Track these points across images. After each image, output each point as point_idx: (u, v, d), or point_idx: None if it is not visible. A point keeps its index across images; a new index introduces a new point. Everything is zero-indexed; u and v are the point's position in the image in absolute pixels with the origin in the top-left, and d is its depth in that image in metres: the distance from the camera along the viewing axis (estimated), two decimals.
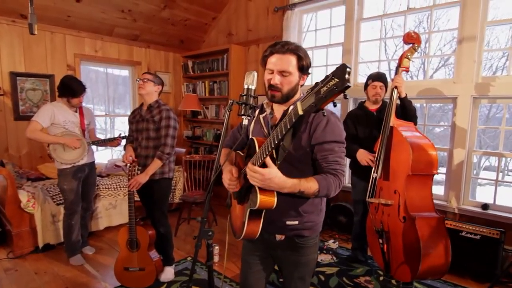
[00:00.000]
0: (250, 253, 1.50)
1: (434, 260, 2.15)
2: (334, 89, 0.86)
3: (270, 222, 1.30)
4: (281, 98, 1.29)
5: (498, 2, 2.96)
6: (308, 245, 1.39)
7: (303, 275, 1.43)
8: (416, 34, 2.46)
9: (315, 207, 1.37)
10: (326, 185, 1.19)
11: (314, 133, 1.24)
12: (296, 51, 1.27)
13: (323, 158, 1.24)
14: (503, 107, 3.02)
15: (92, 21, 4.07)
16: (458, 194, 3.00)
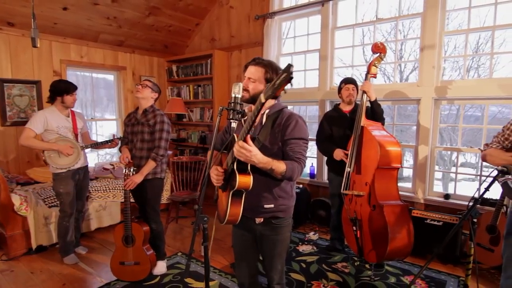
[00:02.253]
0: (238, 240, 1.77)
1: (399, 242, 2.45)
2: (283, 80, 1.13)
3: (251, 208, 1.58)
4: (248, 98, 1.60)
5: (454, 13, 3.32)
6: (283, 225, 1.67)
7: (280, 251, 1.70)
8: (382, 45, 2.78)
9: (287, 193, 1.65)
10: (292, 168, 1.48)
11: (286, 131, 1.55)
12: (265, 65, 1.60)
13: (291, 149, 1.54)
14: (460, 107, 3.38)
15: (78, 28, 4.17)
16: (423, 186, 3.34)
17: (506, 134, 1.90)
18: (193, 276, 2.77)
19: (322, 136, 3.14)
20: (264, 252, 1.74)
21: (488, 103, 3.09)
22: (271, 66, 1.61)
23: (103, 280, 2.71)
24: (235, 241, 1.80)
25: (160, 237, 2.83)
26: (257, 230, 1.68)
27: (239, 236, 1.77)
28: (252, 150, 1.34)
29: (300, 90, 4.28)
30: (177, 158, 4.16)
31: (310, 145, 4.47)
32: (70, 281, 2.69)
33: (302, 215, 3.95)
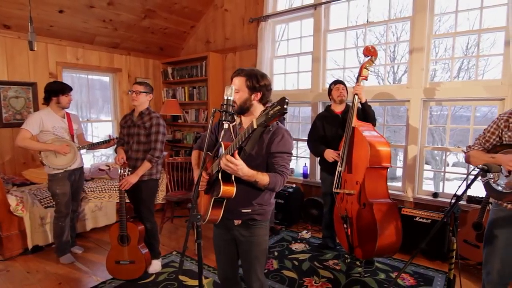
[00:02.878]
0: (218, 238, 1.83)
1: (388, 239, 2.53)
2: (277, 113, 1.24)
3: (230, 211, 1.64)
4: (237, 109, 1.63)
5: (446, 17, 3.42)
6: (259, 227, 1.71)
7: (257, 254, 1.72)
8: (374, 48, 2.86)
9: (265, 201, 1.70)
10: (275, 181, 1.56)
11: (272, 145, 1.60)
12: (245, 74, 1.64)
13: (276, 162, 1.61)
14: (448, 108, 3.48)
15: (74, 30, 4.21)
16: (413, 185, 3.43)
17: (487, 137, 1.98)
18: (188, 274, 2.82)
19: (314, 136, 3.21)
20: (242, 255, 1.77)
21: (474, 104, 3.19)
22: (250, 74, 1.64)
23: (99, 278, 2.75)
24: (215, 239, 1.86)
25: (155, 236, 2.88)
26: (235, 232, 1.73)
27: (218, 234, 1.83)
28: (239, 164, 1.41)
29: (293, 91, 4.35)
30: (172, 159, 4.22)
31: (304, 146, 4.55)
32: (66, 280, 2.73)
33: (295, 214, 4.02)
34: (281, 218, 3.92)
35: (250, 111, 1.68)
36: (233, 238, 1.78)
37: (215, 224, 1.78)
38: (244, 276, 1.80)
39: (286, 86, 4.52)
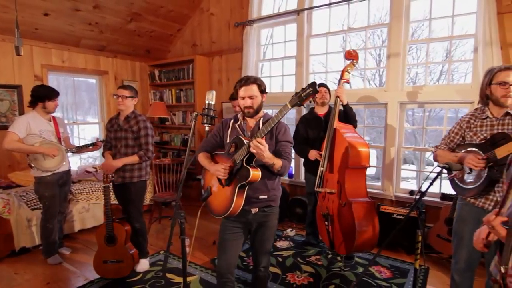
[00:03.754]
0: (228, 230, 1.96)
1: (366, 235, 2.67)
2: (309, 93, 1.49)
3: (248, 200, 1.84)
4: (253, 112, 1.89)
5: (417, 25, 3.60)
6: (273, 212, 1.99)
7: (269, 236, 2.01)
8: (355, 52, 2.97)
9: (276, 185, 1.98)
10: (285, 165, 1.82)
11: (278, 135, 1.91)
12: (256, 81, 1.89)
13: (283, 150, 1.89)
14: (423, 110, 3.67)
15: (59, 33, 4.23)
16: (391, 184, 3.60)
17: (451, 137, 2.15)
18: (174, 272, 2.90)
19: (298, 138, 3.33)
20: (255, 237, 2.01)
21: (447, 106, 3.38)
22: (259, 80, 1.91)
23: (87, 278, 2.81)
24: (224, 233, 1.98)
25: (143, 236, 2.95)
26: (251, 220, 1.94)
27: (229, 228, 1.96)
28: (267, 146, 1.64)
29: (278, 94, 4.48)
30: (159, 161, 4.28)
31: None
32: (54, 280, 2.78)
33: (281, 213, 4.10)
34: None
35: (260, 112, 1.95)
36: (245, 228, 1.97)
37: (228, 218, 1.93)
38: (255, 253, 2.05)
39: (271, 89, 4.64)
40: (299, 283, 2.72)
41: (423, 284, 2.73)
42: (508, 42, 2.88)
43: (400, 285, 2.67)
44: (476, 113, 2.05)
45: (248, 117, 1.92)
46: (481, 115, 2.00)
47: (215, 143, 2.03)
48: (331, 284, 2.69)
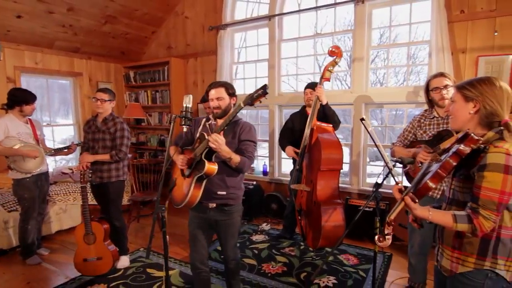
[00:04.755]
0: (194, 225, 2.11)
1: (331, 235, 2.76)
2: (260, 94, 1.67)
3: (206, 194, 1.95)
4: (221, 113, 2.03)
5: (377, 31, 3.91)
6: (234, 211, 2.10)
7: (233, 232, 2.12)
8: (338, 49, 2.85)
9: (236, 184, 2.08)
10: (244, 161, 1.95)
11: (241, 134, 2.03)
12: (223, 84, 2.07)
13: (245, 149, 2.01)
14: (385, 110, 3.99)
15: (32, 35, 4.20)
16: (358, 179, 3.88)
17: (405, 134, 2.43)
18: (155, 267, 3.03)
19: (284, 133, 3.50)
20: (219, 234, 2.14)
21: (406, 107, 3.70)
22: (227, 84, 2.10)
23: (68, 276, 2.87)
24: (191, 223, 2.14)
25: (123, 233, 3.05)
26: (211, 215, 2.06)
27: (194, 218, 2.12)
28: (223, 140, 1.80)
29: None
30: (136, 161, 4.36)
31: (263, 146, 4.88)
32: (34, 280, 2.82)
33: (256, 209, 4.34)
34: (243, 213, 4.20)
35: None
36: (208, 223, 2.10)
37: (191, 209, 2.06)
38: (222, 249, 2.20)
39: (245, 90, 4.83)
40: (273, 272, 2.92)
41: (386, 269, 3.00)
42: (457, 48, 3.21)
43: (366, 270, 2.94)
44: (426, 114, 2.34)
45: (217, 117, 2.06)
46: (429, 115, 2.30)
47: (186, 138, 2.18)
48: (303, 272, 2.91)
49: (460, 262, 1.28)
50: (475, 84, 1.27)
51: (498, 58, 2.98)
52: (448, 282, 1.36)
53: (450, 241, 1.32)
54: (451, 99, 1.36)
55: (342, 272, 2.90)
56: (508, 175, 1.13)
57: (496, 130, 1.22)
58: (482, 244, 1.23)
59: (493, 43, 3.01)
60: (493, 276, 1.22)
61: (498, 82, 1.26)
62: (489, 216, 1.14)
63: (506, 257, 1.22)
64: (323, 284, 2.71)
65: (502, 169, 1.13)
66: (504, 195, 1.14)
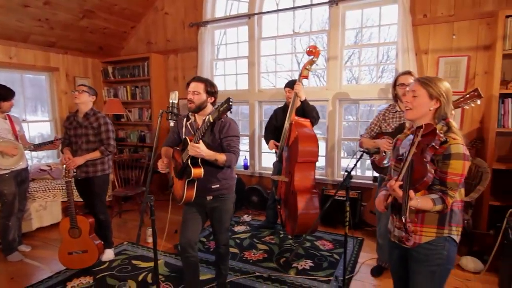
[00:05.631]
0: (189, 212, 2.25)
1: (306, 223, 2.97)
2: (225, 109, 1.75)
3: (202, 189, 2.12)
4: (194, 108, 2.11)
5: (348, 32, 4.14)
6: (227, 198, 2.27)
7: (226, 219, 2.29)
8: (315, 49, 2.99)
9: (228, 175, 2.23)
10: (230, 158, 2.08)
11: (222, 132, 2.12)
12: (204, 81, 2.14)
13: (228, 145, 2.13)
14: (358, 106, 4.25)
15: (6, 29, 4.10)
16: (333, 170, 4.13)
17: (372, 127, 2.66)
18: (140, 259, 3.12)
19: (268, 127, 3.67)
20: (213, 220, 2.29)
21: (376, 103, 3.97)
22: (209, 82, 2.17)
23: (53, 270, 2.91)
24: (184, 214, 2.27)
25: (108, 227, 3.11)
26: (207, 205, 2.23)
27: (189, 210, 2.25)
28: (201, 147, 1.91)
29: (233, 91, 4.80)
30: (118, 157, 4.38)
31: (243, 141, 5.03)
32: (18, 275, 2.84)
33: (238, 201, 4.46)
34: None
35: (204, 110, 2.16)
36: (203, 210, 2.25)
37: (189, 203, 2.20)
38: (214, 233, 2.36)
39: (226, 87, 4.95)
40: (255, 258, 3.10)
41: (358, 251, 3.26)
42: (421, 50, 3.50)
43: (340, 254, 3.17)
44: (390, 108, 2.58)
45: (191, 111, 2.15)
46: (393, 110, 2.54)
47: (174, 139, 2.31)
48: (282, 258, 3.11)
49: (423, 233, 1.49)
50: (438, 84, 1.47)
51: (456, 59, 3.29)
52: (410, 253, 1.56)
53: (412, 218, 1.51)
54: (412, 91, 1.51)
55: (318, 256, 3.13)
56: (466, 161, 1.38)
57: (443, 124, 1.47)
58: (441, 216, 1.47)
59: (452, 45, 3.32)
60: (449, 240, 1.48)
61: (448, 84, 1.49)
62: (453, 195, 1.40)
63: (457, 224, 1.49)
64: (301, 267, 2.91)
65: (462, 157, 1.37)
66: (462, 177, 1.40)
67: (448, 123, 1.46)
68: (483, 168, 3.04)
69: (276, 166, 3.63)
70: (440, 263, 1.48)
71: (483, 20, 3.16)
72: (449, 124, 1.46)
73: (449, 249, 1.48)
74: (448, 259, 1.49)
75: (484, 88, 3.22)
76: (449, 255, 1.49)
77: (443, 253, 1.47)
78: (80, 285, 2.67)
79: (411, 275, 1.58)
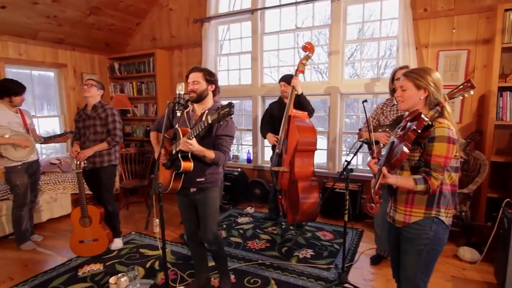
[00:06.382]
0: (181, 203, 2.32)
1: (307, 207, 3.10)
2: (226, 113, 1.76)
3: (187, 181, 2.14)
4: (196, 97, 2.13)
5: (351, 27, 4.19)
6: (211, 191, 2.22)
7: (211, 211, 2.22)
8: (310, 45, 3.17)
9: (214, 170, 2.21)
10: (219, 157, 2.08)
11: (218, 129, 2.12)
12: (202, 70, 2.18)
13: (220, 143, 2.13)
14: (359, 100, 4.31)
15: (16, 26, 4.22)
16: (334, 163, 4.20)
17: (370, 121, 2.73)
18: (147, 247, 3.24)
19: (264, 121, 3.77)
20: (199, 214, 2.26)
21: (378, 97, 4.03)
22: (207, 70, 2.20)
23: (65, 258, 3.04)
24: (179, 205, 2.34)
25: (116, 217, 3.23)
26: (190, 196, 2.22)
27: (181, 201, 2.31)
28: (193, 143, 1.91)
29: (236, 86, 4.88)
30: (125, 150, 4.50)
31: (247, 135, 5.11)
32: (31, 263, 2.97)
33: (241, 194, 4.60)
34: (228, 198, 4.47)
35: (205, 100, 2.19)
36: (192, 203, 2.28)
37: (176, 193, 2.26)
38: (201, 231, 2.28)
39: (229, 82, 5.03)
40: (257, 247, 3.20)
41: (358, 242, 3.35)
42: (421, 44, 3.54)
43: (340, 244, 3.26)
44: (387, 102, 2.66)
45: (192, 101, 2.15)
46: (390, 103, 2.62)
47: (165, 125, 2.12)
48: (284, 247, 3.21)
49: (412, 214, 1.59)
50: (423, 74, 1.58)
51: (456, 53, 3.34)
52: (401, 232, 1.66)
53: (403, 199, 1.62)
54: (401, 86, 1.63)
55: (319, 246, 3.22)
56: (450, 144, 1.46)
57: (435, 110, 1.56)
58: (429, 198, 1.55)
59: (452, 39, 3.36)
60: (437, 221, 1.56)
61: (437, 73, 1.58)
62: (438, 177, 1.48)
63: (446, 206, 1.56)
64: (302, 256, 3.01)
65: (446, 140, 1.45)
66: (447, 159, 1.47)
67: (442, 108, 1.54)
68: (481, 160, 3.10)
69: (274, 159, 3.73)
70: (427, 243, 1.56)
71: (483, 14, 3.20)
72: (442, 110, 1.54)
73: (436, 230, 1.56)
74: (434, 240, 1.56)
75: (483, 82, 3.28)
76: (436, 236, 1.56)
77: (429, 233, 1.55)
78: (91, 271, 2.79)
79: (401, 254, 1.69)
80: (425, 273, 1.62)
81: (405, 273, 1.66)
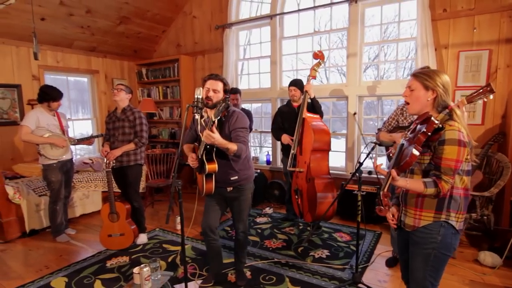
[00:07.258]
0: (210, 200, 2.47)
1: (324, 204, 3.21)
2: (223, 108, 1.96)
3: (222, 182, 2.31)
4: (212, 104, 2.25)
5: (370, 30, 4.20)
6: (246, 188, 2.42)
7: (244, 207, 2.45)
8: (321, 53, 3.41)
9: (245, 166, 2.37)
10: (240, 147, 2.19)
11: (231, 125, 2.25)
12: (222, 79, 2.31)
13: (237, 136, 2.25)
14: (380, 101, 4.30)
15: (53, 36, 4.60)
16: (352, 165, 4.21)
17: (389, 121, 2.76)
18: (170, 243, 3.42)
19: (275, 125, 3.87)
20: (233, 209, 2.48)
21: (396, 98, 4.01)
22: (224, 80, 2.33)
23: (95, 250, 3.28)
24: (206, 202, 2.49)
25: (142, 213, 3.44)
26: (227, 195, 2.41)
27: (211, 198, 2.45)
28: (215, 135, 2.02)
29: (256, 90, 5.01)
30: (151, 151, 4.75)
31: (266, 137, 5.21)
32: (65, 253, 3.24)
33: (260, 195, 4.70)
34: None
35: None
36: (223, 199, 2.45)
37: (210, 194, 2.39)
38: (234, 221, 2.52)
39: (250, 85, 5.17)
40: (274, 246, 3.29)
41: (375, 244, 3.35)
42: (441, 44, 3.50)
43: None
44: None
45: (208, 107, 2.26)
46: None
47: (191, 135, 2.46)
48: (300, 247, 3.28)
49: (422, 217, 1.58)
50: (432, 75, 1.57)
51: (477, 53, 3.27)
52: (410, 236, 1.67)
53: (413, 203, 1.61)
54: (408, 86, 1.62)
55: (335, 247, 3.26)
56: (460, 147, 1.44)
57: (445, 113, 1.54)
58: (439, 202, 1.54)
59: (472, 39, 3.30)
60: (446, 225, 1.54)
61: (445, 75, 1.58)
62: (448, 180, 1.46)
63: (456, 210, 1.54)
64: (317, 256, 3.07)
65: (457, 142, 1.44)
66: (458, 162, 1.45)
67: (451, 111, 1.51)
68: (504, 163, 3.02)
69: (286, 161, 3.80)
70: (435, 247, 1.54)
71: (505, 13, 3.12)
72: (451, 113, 1.51)
73: (445, 234, 1.53)
74: (442, 244, 1.54)
75: (506, 82, 3.20)
76: (444, 240, 1.54)
77: (437, 237, 1.53)
78: (118, 263, 3.00)
79: (410, 258, 1.68)
80: (433, 276, 1.60)
81: (414, 276, 1.65)
